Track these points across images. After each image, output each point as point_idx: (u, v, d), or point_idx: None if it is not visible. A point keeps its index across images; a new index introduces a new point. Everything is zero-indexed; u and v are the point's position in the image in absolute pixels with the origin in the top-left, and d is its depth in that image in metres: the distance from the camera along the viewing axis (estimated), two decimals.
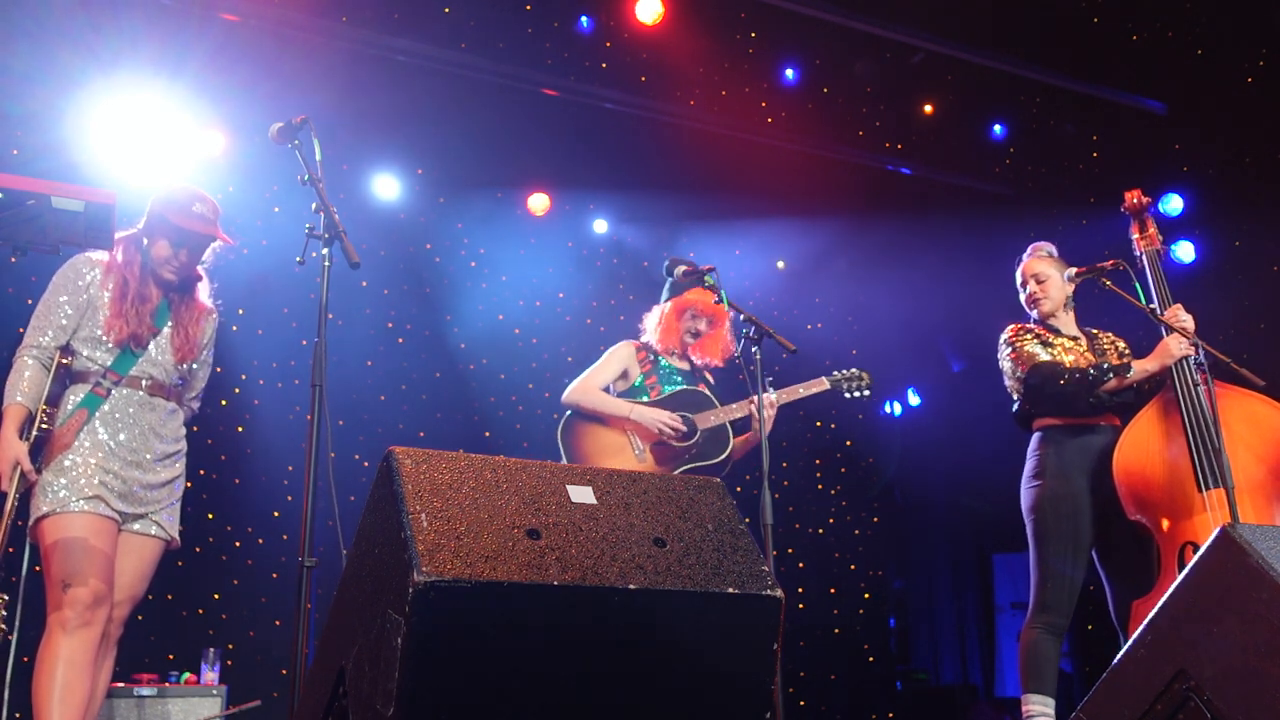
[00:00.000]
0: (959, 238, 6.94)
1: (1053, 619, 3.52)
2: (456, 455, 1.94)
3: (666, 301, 4.12)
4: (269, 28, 5.47)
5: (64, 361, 3.00)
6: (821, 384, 4.07)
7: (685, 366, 4.13)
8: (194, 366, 3.27)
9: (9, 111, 4.92)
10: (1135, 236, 3.85)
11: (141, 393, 3.09)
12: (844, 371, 4.17)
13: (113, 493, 2.97)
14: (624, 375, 4.04)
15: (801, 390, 3.97)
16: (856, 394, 4.15)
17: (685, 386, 4.00)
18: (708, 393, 4.02)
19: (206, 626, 5.34)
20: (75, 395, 3.02)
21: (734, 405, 3.95)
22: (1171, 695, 2.11)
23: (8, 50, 4.93)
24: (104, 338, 3.03)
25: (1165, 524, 3.42)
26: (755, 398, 3.83)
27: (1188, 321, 3.63)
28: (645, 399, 3.96)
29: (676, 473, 3.85)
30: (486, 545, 1.79)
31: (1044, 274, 3.84)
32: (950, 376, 7.77)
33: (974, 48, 6.36)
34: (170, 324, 3.19)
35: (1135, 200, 3.89)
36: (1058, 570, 3.54)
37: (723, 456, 3.91)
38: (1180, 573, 3.24)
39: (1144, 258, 3.80)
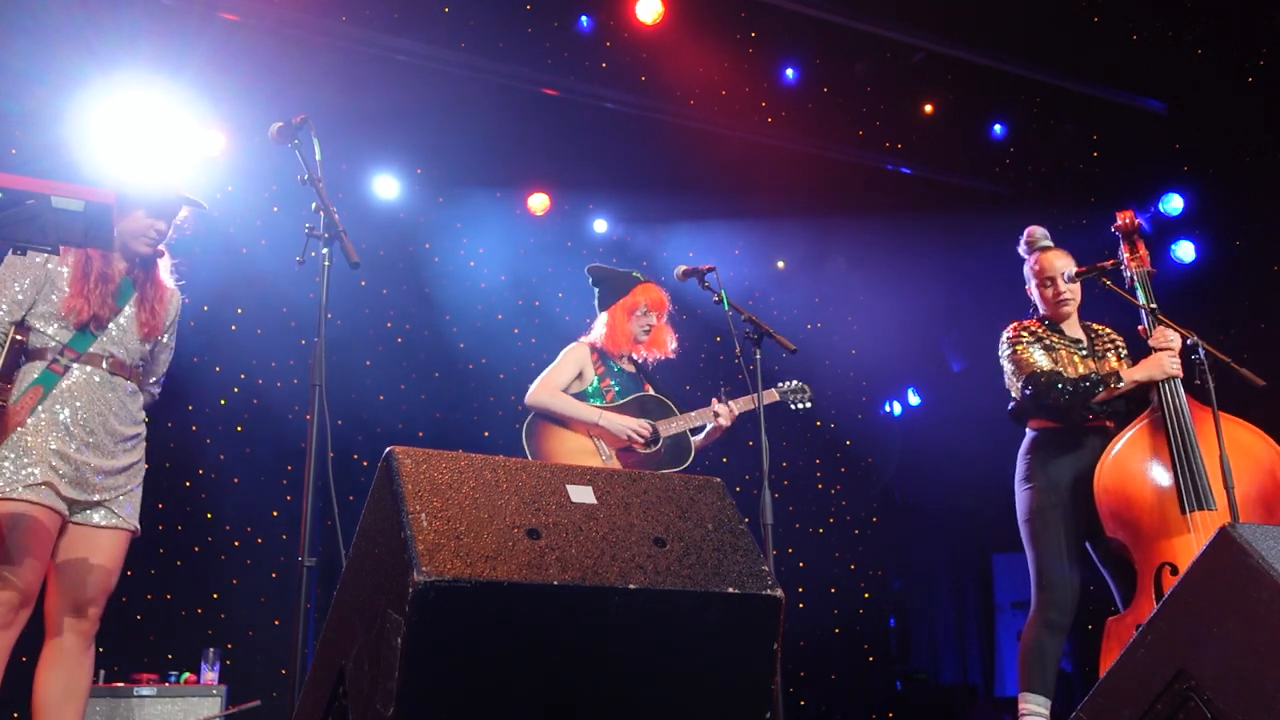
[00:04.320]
0: (959, 238, 6.95)
1: (1054, 617, 3.53)
2: (456, 455, 1.94)
3: (613, 303, 4.15)
4: (269, 27, 5.47)
5: (18, 338, 2.88)
6: (773, 395, 4.15)
7: (631, 369, 4.16)
8: (157, 347, 3.16)
9: (8, 111, 4.92)
10: (1125, 256, 3.85)
11: (103, 371, 2.97)
12: (788, 384, 4.23)
13: (64, 479, 2.84)
14: (579, 376, 4.06)
15: (753, 402, 3.94)
16: (800, 406, 4.23)
17: (640, 394, 4.05)
18: (665, 399, 4.08)
19: (206, 626, 5.34)
20: (31, 372, 2.89)
21: (692, 414, 4.02)
22: (1171, 695, 2.11)
23: (6, 49, 4.93)
24: (63, 316, 2.92)
25: (1144, 544, 3.43)
26: (723, 404, 4.00)
27: (1174, 342, 3.64)
28: (600, 402, 3.99)
29: None
30: (486, 545, 1.79)
31: (1064, 272, 3.83)
32: (950, 376, 7.76)
33: (974, 48, 6.35)
34: (135, 301, 3.07)
35: (1126, 221, 3.91)
36: (1055, 570, 3.55)
37: (686, 464, 3.97)
38: (1155, 594, 3.29)
39: (1134, 277, 3.81)
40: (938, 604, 8.18)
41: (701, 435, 4.04)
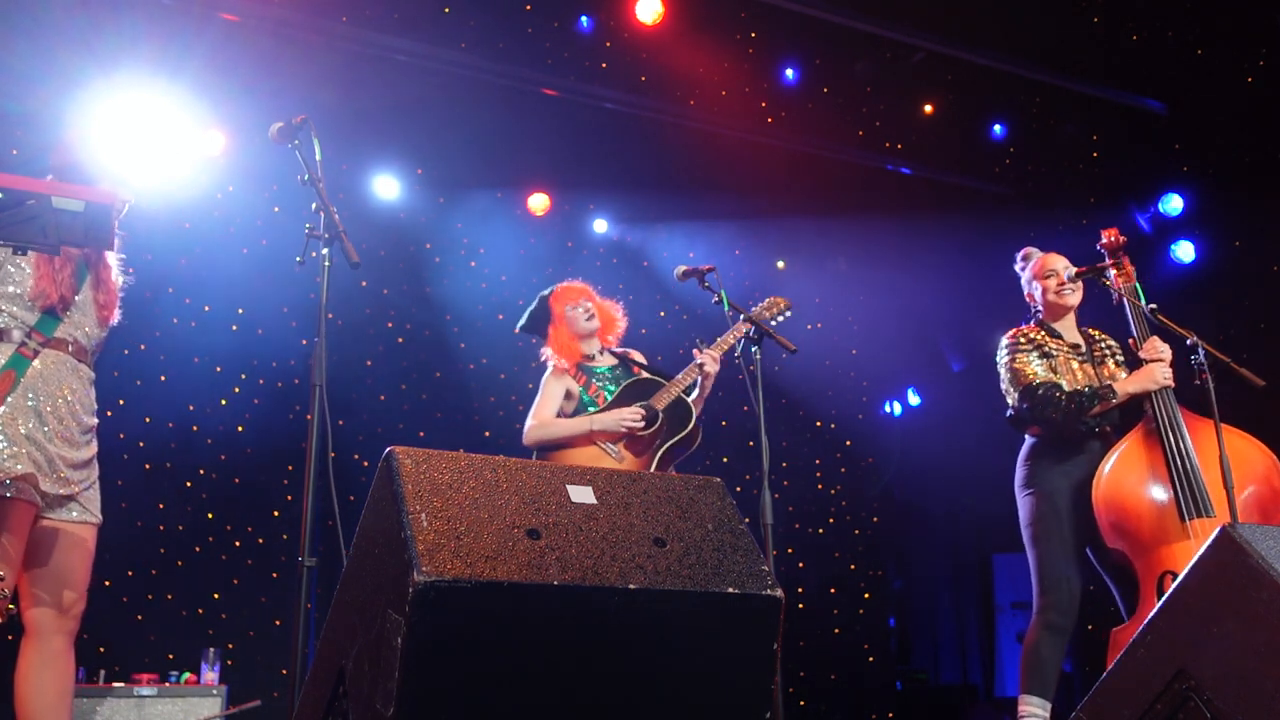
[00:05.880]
0: (959, 238, 6.95)
1: (1055, 619, 3.53)
2: (456, 455, 1.94)
3: (545, 327, 4.11)
4: (269, 28, 5.47)
5: None
6: (743, 326, 3.81)
7: (613, 360, 4.11)
8: (107, 332, 3.04)
9: (9, 111, 4.92)
10: (1112, 273, 3.85)
11: (69, 356, 2.86)
12: (759, 305, 3.99)
13: (40, 470, 2.73)
14: (569, 396, 4.03)
15: (732, 337, 3.88)
16: (780, 319, 3.98)
17: (626, 382, 3.98)
18: (648, 375, 4.00)
19: (206, 626, 5.35)
20: None
21: (679, 376, 3.92)
22: (1171, 695, 2.11)
23: (7, 50, 4.93)
24: (30, 298, 2.81)
25: (1144, 553, 3.44)
26: (705, 353, 3.88)
27: (1165, 353, 3.65)
28: (595, 409, 3.94)
29: (656, 457, 3.84)
30: (486, 545, 1.79)
31: (1066, 267, 3.84)
32: (950, 376, 7.77)
33: (974, 48, 6.35)
34: (90, 284, 2.96)
35: (1111, 239, 3.93)
36: (1057, 574, 3.55)
37: (691, 426, 3.88)
38: (1158, 601, 3.29)
39: (1121, 293, 3.81)
40: (938, 604, 8.18)
41: (696, 392, 3.96)
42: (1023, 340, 3.76)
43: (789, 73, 6.64)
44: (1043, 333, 3.80)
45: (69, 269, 2.89)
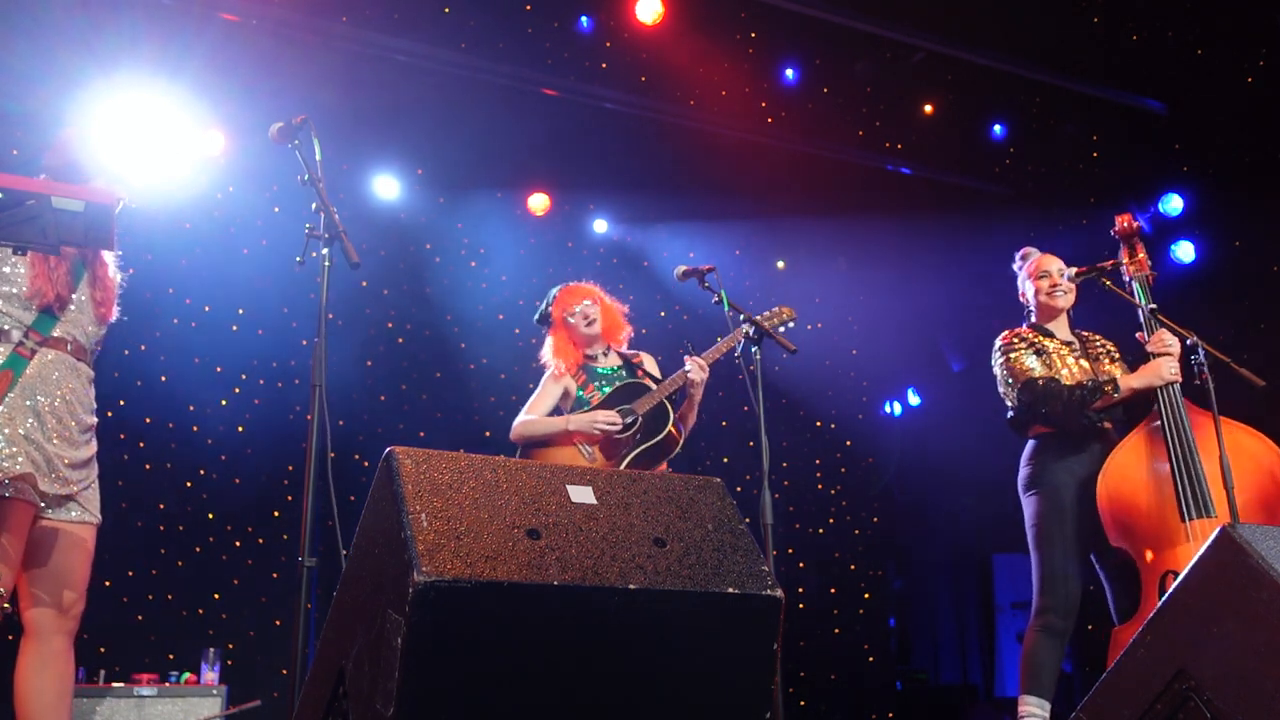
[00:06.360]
0: (959, 238, 6.95)
1: (1054, 621, 3.53)
2: (456, 455, 1.94)
3: (546, 327, 4.12)
4: (269, 28, 5.47)
5: None
6: (741, 333, 3.71)
7: (617, 361, 4.09)
8: (105, 330, 3.03)
9: (9, 111, 4.92)
10: (1125, 261, 3.83)
11: (67, 355, 2.85)
12: (762, 314, 3.85)
13: (38, 470, 2.72)
14: (567, 395, 4.01)
15: (725, 346, 3.87)
16: (783, 328, 3.90)
17: (621, 383, 3.96)
18: (645, 380, 3.98)
19: (206, 626, 5.35)
20: None
21: (665, 382, 3.90)
22: (1171, 695, 2.11)
23: (8, 50, 4.93)
24: (26, 298, 2.80)
25: (1148, 552, 3.42)
26: (693, 358, 3.82)
27: (1173, 347, 3.61)
28: (588, 408, 3.93)
29: (626, 460, 3.81)
30: (486, 545, 1.79)
31: (1061, 270, 3.83)
32: (950, 376, 7.77)
33: (974, 48, 6.35)
34: (87, 281, 2.95)
35: (1126, 224, 3.89)
36: (1058, 576, 3.54)
37: (664, 432, 3.83)
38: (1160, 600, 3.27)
39: (1133, 283, 3.79)
40: (938, 604, 8.18)
41: (684, 400, 3.93)
42: (1017, 340, 3.76)
43: (789, 73, 6.64)
44: (1035, 333, 3.79)
45: (64, 267, 2.87)
